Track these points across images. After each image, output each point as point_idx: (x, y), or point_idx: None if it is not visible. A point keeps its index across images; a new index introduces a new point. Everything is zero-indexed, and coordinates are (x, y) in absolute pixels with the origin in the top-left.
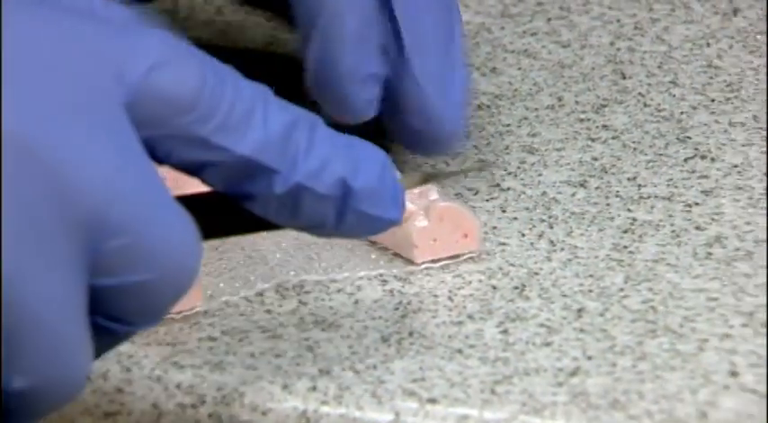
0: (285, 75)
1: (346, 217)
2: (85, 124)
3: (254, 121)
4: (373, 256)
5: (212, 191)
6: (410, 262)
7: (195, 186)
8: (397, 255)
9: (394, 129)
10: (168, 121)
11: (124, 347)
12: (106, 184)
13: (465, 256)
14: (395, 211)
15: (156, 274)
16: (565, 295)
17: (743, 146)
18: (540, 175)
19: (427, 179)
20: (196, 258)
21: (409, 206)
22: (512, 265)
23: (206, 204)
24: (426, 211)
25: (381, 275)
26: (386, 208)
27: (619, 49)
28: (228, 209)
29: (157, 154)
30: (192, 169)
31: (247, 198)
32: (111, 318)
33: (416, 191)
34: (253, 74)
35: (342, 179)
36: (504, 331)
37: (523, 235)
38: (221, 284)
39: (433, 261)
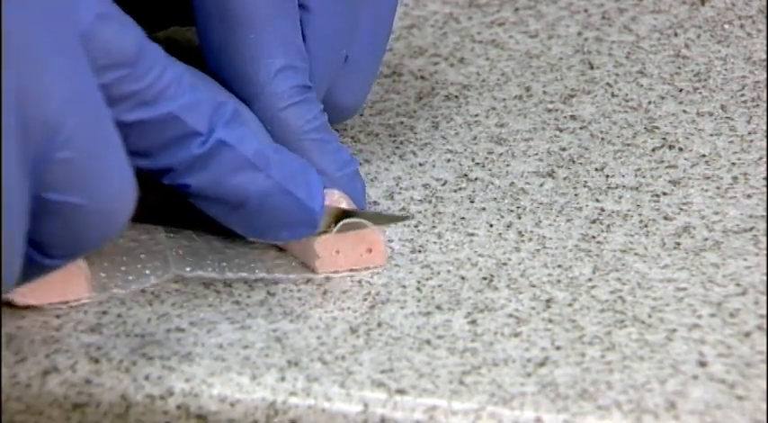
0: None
1: (270, 192)
2: (57, 39)
3: (182, 87)
4: (278, 261)
5: None
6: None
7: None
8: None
9: None
10: (106, 71)
11: (93, 339)
12: (67, 94)
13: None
14: (316, 200)
15: (92, 203)
16: (533, 285)
17: (711, 136)
18: (508, 165)
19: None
20: (128, 203)
21: None
22: (480, 255)
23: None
24: None
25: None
26: (308, 192)
27: (586, 40)
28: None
29: None
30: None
31: (168, 171)
32: (35, 246)
33: (325, 199)
34: None
35: (261, 150)
36: (473, 322)
37: (491, 225)
38: (113, 277)
39: (336, 272)
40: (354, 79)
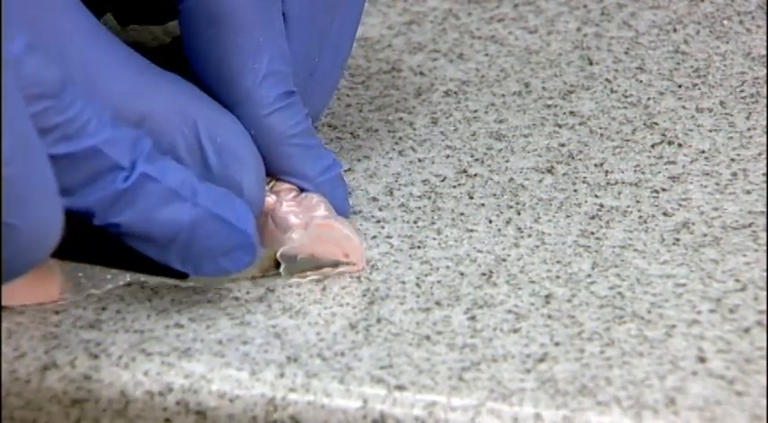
0: None
1: (199, 219)
2: None
3: (102, 122)
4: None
5: None
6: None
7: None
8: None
9: None
10: (34, 101)
11: (92, 335)
12: (8, 112)
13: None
14: (248, 223)
15: (24, 224)
16: (532, 282)
17: (710, 131)
18: (507, 161)
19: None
20: (57, 230)
21: (292, 220)
22: (479, 251)
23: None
24: (306, 226)
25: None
26: (237, 215)
27: (586, 35)
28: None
29: None
30: None
31: (95, 210)
32: None
33: (303, 203)
34: None
35: (185, 179)
36: (472, 318)
37: (491, 221)
38: (90, 276)
39: (305, 277)
40: (315, 90)
